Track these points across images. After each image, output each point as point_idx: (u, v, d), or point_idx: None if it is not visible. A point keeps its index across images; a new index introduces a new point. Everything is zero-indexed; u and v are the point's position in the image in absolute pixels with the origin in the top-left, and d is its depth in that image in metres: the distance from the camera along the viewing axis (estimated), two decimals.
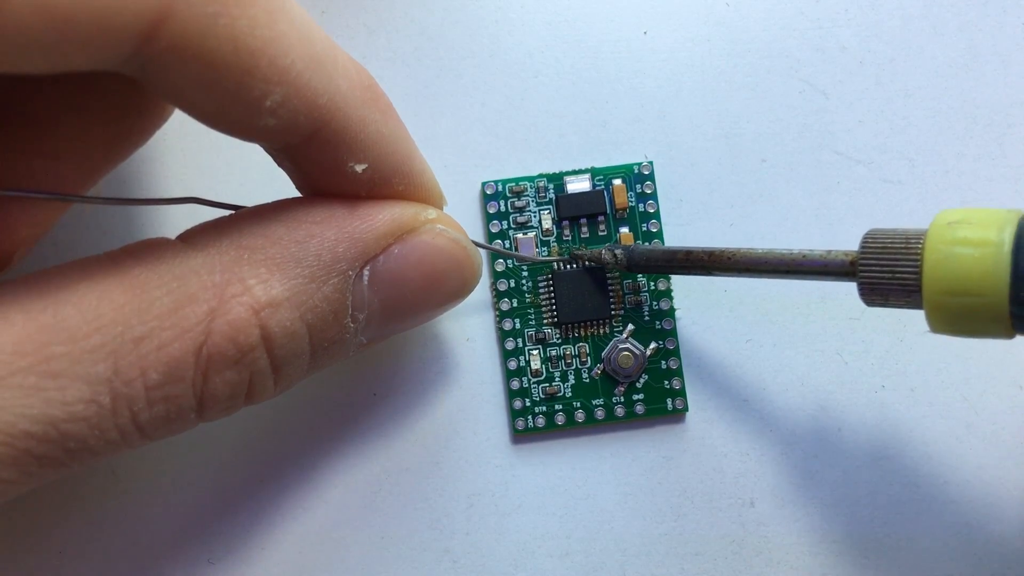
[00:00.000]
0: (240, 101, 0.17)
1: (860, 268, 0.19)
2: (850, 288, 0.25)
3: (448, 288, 0.21)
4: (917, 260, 0.18)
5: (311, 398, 0.25)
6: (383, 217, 0.20)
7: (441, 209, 0.22)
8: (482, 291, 0.26)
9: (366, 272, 0.19)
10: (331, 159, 0.19)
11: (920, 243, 0.18)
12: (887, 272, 0.19)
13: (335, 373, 0.25)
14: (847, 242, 0.26)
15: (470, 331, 0.26)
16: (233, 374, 0.18)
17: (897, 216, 0.26)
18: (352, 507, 0.25)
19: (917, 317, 0.25)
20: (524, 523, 0.25)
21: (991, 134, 0.26)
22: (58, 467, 0.17)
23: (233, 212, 0.20)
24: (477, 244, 0.23)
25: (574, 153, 0.26)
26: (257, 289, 0.18)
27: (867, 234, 0.20)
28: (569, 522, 0.25)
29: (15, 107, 0.19)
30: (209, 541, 0.25)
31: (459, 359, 0.25)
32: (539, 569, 0.25)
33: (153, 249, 0.18)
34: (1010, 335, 0.18)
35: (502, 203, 0.25)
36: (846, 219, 0.26)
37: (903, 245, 0.19)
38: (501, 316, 0.25)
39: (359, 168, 0.19)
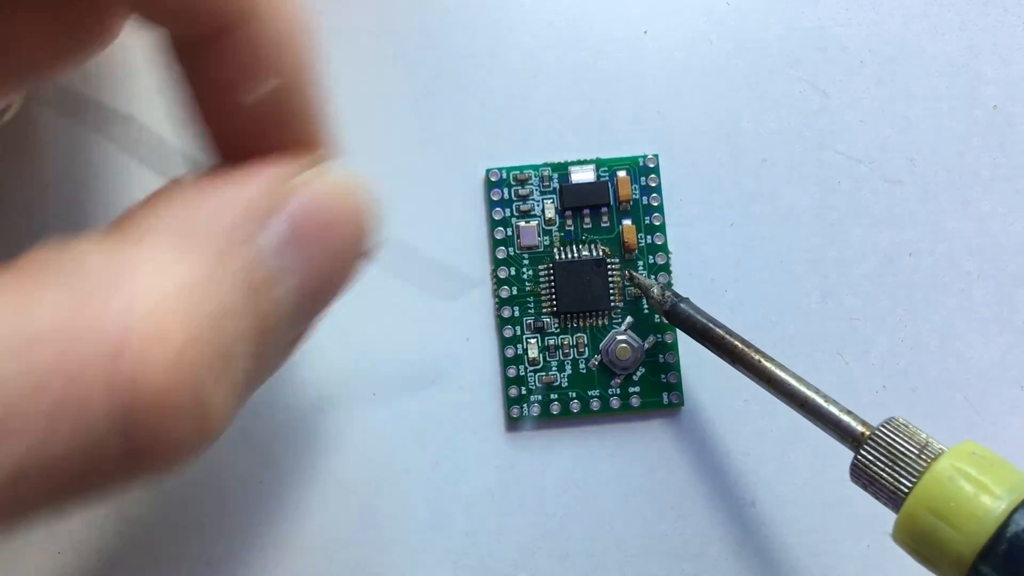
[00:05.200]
0: None
1: (862, 451, 0.19)
2: (850, 287, 0.26)
3: (345, 239, 0.18)
4: (919, 472, 0.18)
5: (311, 398, 0.25)
6: (268, 176, 0.17)
7: (329, 157, 0.19)
8: (482, 290, 0.26)
9: (268, 237, 0.16)
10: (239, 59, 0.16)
11: (930, 459, 0.18)
12: (887, 470, 0.19)
13: (335, 373, 0.25)
14: (845, 242, 0.26)
15: (470, 331, 0.25)
16: None
17: (898, 216, 0.26)
18: (352, 507, 0.25)
19: (919, 317, 0.26)
20: (524, 523, 0.25)
21: (991, 134, 0.26)
22: None
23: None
24: None
25: (574, 154, 0.26)
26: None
27: (886, 423, 0.19)
28: (569, 522, 0.25)
29: None
30: (209, 541, 0.25)
31: (459, 358, 0.25)
32: (539, 569, 0.25)
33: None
34: None
35: (505, 191, 0.26)
36: (846, 219, 0.26)
37: (916, 454, 0.19)
38: (500, 303, 0.25)
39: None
